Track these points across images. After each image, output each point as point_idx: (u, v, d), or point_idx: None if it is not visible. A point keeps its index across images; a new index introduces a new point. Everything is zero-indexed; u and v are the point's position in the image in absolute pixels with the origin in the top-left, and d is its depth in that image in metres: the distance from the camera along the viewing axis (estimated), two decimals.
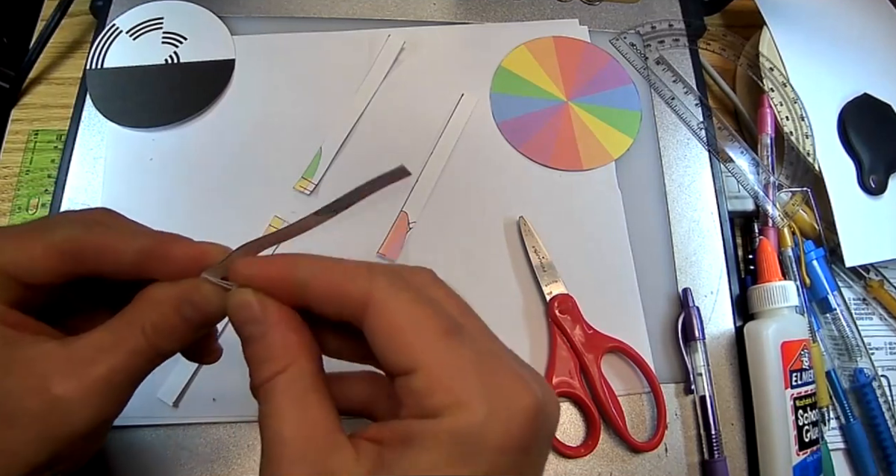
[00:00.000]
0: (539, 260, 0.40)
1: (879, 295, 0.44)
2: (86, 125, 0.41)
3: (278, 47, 0.44)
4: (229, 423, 0.35)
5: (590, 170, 0.43)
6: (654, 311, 0.40)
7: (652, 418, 0.38)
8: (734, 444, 0.38)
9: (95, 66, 0.42)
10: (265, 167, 0.41)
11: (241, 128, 0.42)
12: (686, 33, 0.49)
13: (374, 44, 0.45)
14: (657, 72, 0.47)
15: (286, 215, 0.40)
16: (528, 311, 0.39)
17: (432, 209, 0.41)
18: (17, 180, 0.41)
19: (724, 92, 0.50)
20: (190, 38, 0.44)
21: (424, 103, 0.44)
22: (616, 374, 0.39)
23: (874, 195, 0.44)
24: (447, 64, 0.46)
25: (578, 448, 0.37)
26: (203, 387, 0.36)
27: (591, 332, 0.38)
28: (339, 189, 0.21)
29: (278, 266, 0.20)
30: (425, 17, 0.47)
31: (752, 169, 0.45)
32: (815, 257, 0.43)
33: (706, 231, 0.43)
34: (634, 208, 0.43)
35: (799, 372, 0.37)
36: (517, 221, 0.41)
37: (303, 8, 0.46)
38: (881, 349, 0.43)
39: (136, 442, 0.34)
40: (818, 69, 0.47)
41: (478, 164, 0.43)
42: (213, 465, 0.35)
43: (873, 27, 0.50)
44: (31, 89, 0.44)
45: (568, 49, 0.47)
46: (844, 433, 0.41)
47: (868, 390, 0.41)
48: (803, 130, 0.45)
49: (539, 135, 0.44)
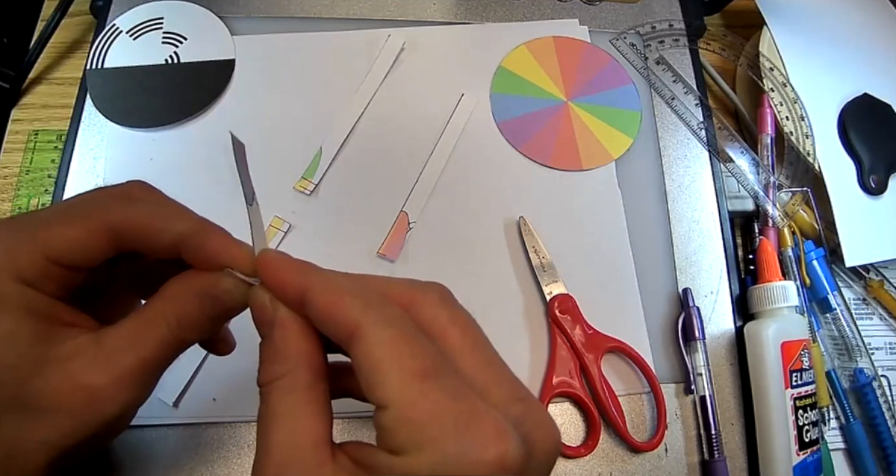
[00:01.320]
0: (539, 260, 0.40)
1: (879, 295, 0.44)
2: (86, 125, 0.41)
3: (278, 47, 0.44)
4: (229, 423, 0.35)
5: (590, 170, 0.43)
6: (654, 311, 0.40)
7: (652, 418, 0.38)
8: (734, 444, 0.38)
9: (95, 66, 0.42)
10: (265, 167, 0.41)
11: (241, 128, 0.42)
12: (686, 33, 0.49)
13: (374, 44, 0.45)
14: (657, 72, 0.47)
15: (286, 215, 0.40)
16: (528, 311, 0.39)
17: (432, 209, 0.41)
18: (18, 180, 0.41)
19: (724, 92, 0.50)
20: (190, 38, 0.44)
21: (424, 103, 0.44)
22: (616, 374, 0.39)
23: (874, 195, 0.44)
24: (447, 64, 0.46)
25: (578, 448, 0.37)
26: (203, 387, 0.36)
27: (591, 332, 0.38)
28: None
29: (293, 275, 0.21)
30: (425, 17, 0.47)
31: (752, 169, 0.45)
32: (815, 257, 0.43)
33: (706, 231, 0.43)
34: (634, 208, 0.43)
35: (799, 372, 0.37)
36: (517, 221, 0.41)
37: (303, 8, 0.46)
38: (881, 349, 0.43)
39: (136, 442, 0.34)
40: (818, 69, 0.47)
41: (478, 165, 0.43)
42: (213, 465, 0.35)
43: (873, 27, 0.50)
44: (31, 89, 0.44)
45: (568, 49, 0.47)
46: (844, 433, 0.41)
47: (868, 390, 0.41)
48: (803, 130, 0.45)
49: (539, 135, 0.44)
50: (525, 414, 0.19)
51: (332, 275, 0.21)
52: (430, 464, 0.17)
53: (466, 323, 0.21)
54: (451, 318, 0.21)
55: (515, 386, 0.20)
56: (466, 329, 0.21)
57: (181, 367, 0.35)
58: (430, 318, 0.20)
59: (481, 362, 0.20)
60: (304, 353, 0.21)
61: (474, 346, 0.20)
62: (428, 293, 0.21)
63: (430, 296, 0.21)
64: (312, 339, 0.21)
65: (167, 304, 0.23)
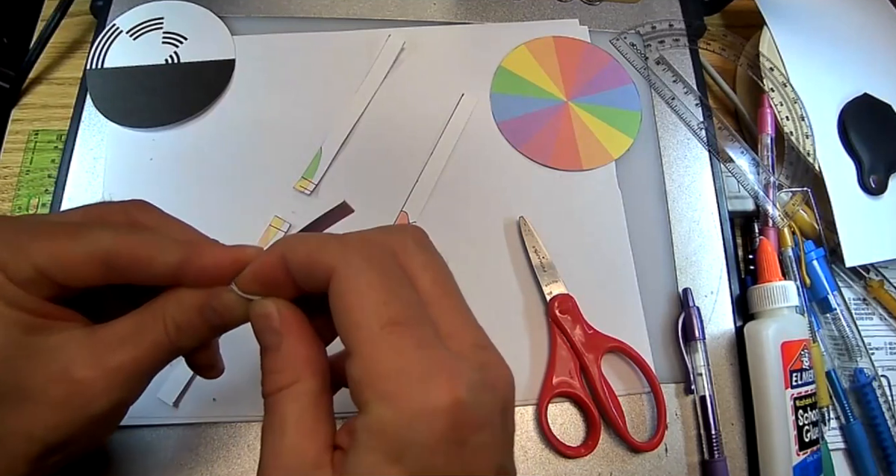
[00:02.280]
0: (539, 260, 0.40)
1: (879, 295, 0.44)
2: (86, 125, 0.41)
3: (278, 47, 0.44)
4: (229, 423, 0.35)
5: (590, 170, 0.43)
6: (654, 311, 0.40)
7: (652, 418, 0.38)
8: (734, 444, 0.38)
9: (95, 66, 0.42)
10: (265, 167, 0.41)
11: (241, 128, 0.42)
12: (686, 33, 0.49)
13: (374, 44, 0.45)
14: (657, 72, 0.47)
15: (286, 215, 0.40)
16: (528, 311, 0.39)
17: (432, 209, 0.41)
18: (18, 180, 0.41)
19: (724, 92, 0.50)
20: (190, 38, 0.44)
21: (424, 103, 0.44)
22: (616, 374, 0.39)
23: (874, 195, 0.44)
24: (447, 64, 0.46)
25: (578, 448, 0.37)
26: (203, 387, 0.36)
27: (592, 332, 0.38)
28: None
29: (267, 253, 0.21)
30: (425, 17, 0.47)
31: (752, 169, 0.45)
32: (815, 257, 0.43)
33: (706, 231, 0.43)
34: (634, 208, 0.43)
35: (799, 372, 0.37)
36: (517, 221, 0.41)
37: (303, 8, 0.46)
38: (881, 349, 0.43)
39: (136, 442, 0.34)
40: (818, 69, 0.47)
41: (478, 165, 0.43)
42: (213, 465, 0.35)
43: (873, 27, 0.50)
44: (31, 89, 0.44)
45: (568, 49, 0.47)
46: (844, 433, 0.41)
47: (868, 390, 0.41)
48: (803, 130, 0.45)
49: (539, 135, 0.44)
50: (487, 360, 0.20)
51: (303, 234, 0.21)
52: (399, 416, 0.17)
53: (438, 268, 0.21)
54: (424, 263, 0.21)
55: (479, 334, 0.21)
56: (438, 274, 0.21)
57: (181, 367, 0.35)
58: (404, 263, 0.20)
59: (450, 309, 0.20)
60: (310, 361, 0.21)
61: (444, 293, 0.21)
62: (403, 237, 0.21)
63: (404, 239, 0.21)
64: (317, 348, 0.21)
65: (167, 308, 0.22)
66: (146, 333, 0.22)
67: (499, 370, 0.20)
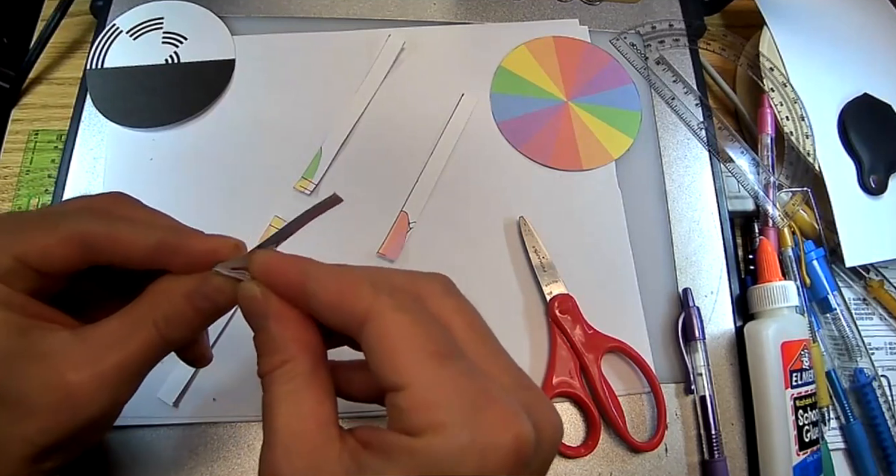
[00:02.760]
0: (539, 260, 0.40)
1: (879, 295, 0.44)
2: (86, 125, 0.41)
3: (278, 47, 0.44)
4: (229, 423, 0.35)
5: (590, 170, 0.43)
6: (654, 311, 0.40)
7: (652, 418, 0.38)
8: (734, 444, 0.38)
9: (95, 66, 0.42)
10: (265, 167, 0.41)
11: (241, 128, 0.42)
12: (686, 33, 0.49)
13: (374, 44, 0.45)
14: (657, 72, 0.47)
15: (287, 215, 0.40)
16: (528, 311, 0.39)
17: (432, 209, 0.41)
18: (18, 180, 0.41)
19: (724, 92, 0.50)
20: (190, 38, 0.44)
21: (424, 103, 0.44)
22: (616, 374, 0.39)
23: (874, 195, 0.44)
24: (447, 64, 0.46)
25: (578, 448, 0.37)
26: (203, 387, 0.36)
27: (591, 332, 0.38)
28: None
29: (290, 270, 0.21)
30: (425, 17, 0.47)
31: (752, 169, 0.45)
32: (815, 257, 0.43)
33: (706, 231, 0.43)
34: (634, 208, 0.43)
35: (799, 372, 0.37)
36: (517, 221, 0.41)
37: (303, 8, 0.46)
38: (881, 349, 0.43)
39: (136, 442, 0.34)
40: (818, 69, 0.47)
41: (478, 165, 0.43)
42: (213, 465, 0.35)
43: (873, 27, 0.50)
44: (31, 89, 0.44)
45: (568, 49, 0.47)
46: (844, 433, 0.41)
47: (868, 390, 0.41)
48: (803, 130, 0.45)
49: (539, 135, 0.44)
50: (532, 402, 0.19)
51: (332, 266, 0.21)
52: (447, 445, 0.17)
53: (471, 313, 0.21)
54: (456, 308, 0.21)
55: (520, 375, 0.21)
56: (472, 319, 0.21)
57: (181, 367, 0.35)
58: (436, 308, 0.20)
59: (487, 351, 0.20)
60: (301, 339, 0.21)
61: (479, 336, 0.21)
62: (432, 283, 0.21)
63: (434, 286, 0.21)
64: (308, 326, 0.21)
65: (154, 303, 0.22)
66: (136, 332, 0.22)
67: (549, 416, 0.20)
